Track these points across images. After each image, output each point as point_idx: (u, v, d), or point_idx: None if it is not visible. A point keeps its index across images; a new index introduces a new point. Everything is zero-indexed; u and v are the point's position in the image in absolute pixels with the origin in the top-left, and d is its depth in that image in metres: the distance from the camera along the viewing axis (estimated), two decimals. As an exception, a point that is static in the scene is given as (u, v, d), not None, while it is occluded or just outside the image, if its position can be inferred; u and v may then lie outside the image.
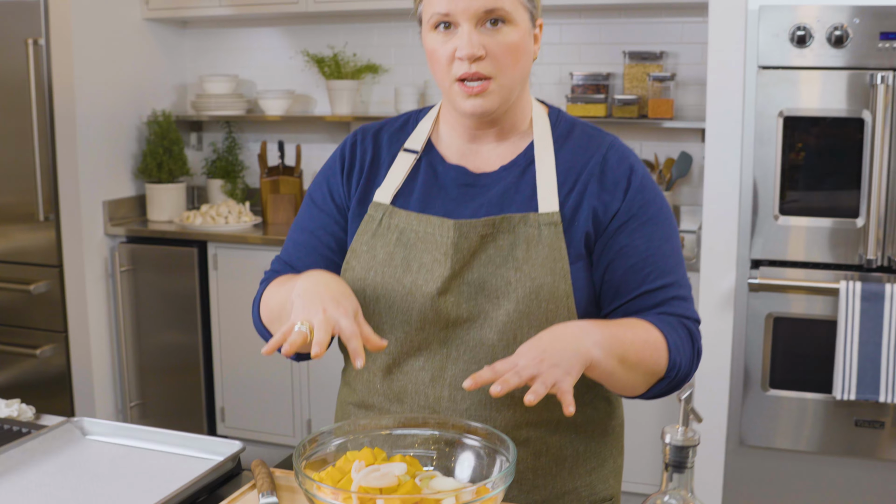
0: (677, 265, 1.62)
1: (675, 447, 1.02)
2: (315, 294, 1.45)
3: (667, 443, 1.03)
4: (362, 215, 1.68)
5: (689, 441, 1.02)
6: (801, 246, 3.52)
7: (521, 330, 1.56)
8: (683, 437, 1.02)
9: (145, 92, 4.83)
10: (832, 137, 3.44)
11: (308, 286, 1.48)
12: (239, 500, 1.53)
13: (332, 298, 1.44)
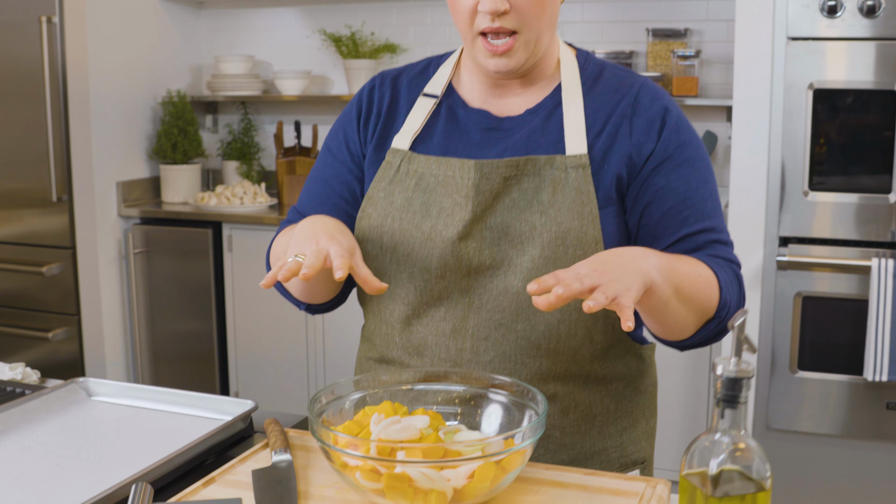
0: (716, 209, 1.54)
1: (728, 380, 0.93)
2: (311, 231, 1.42)
3: (718, 375, 0.94)
4: (379, 162, 1.60)
5: (743, 372, 0.93)
6: (830, 223, 3.42)
7: None
8: (736, 367, 0.94)
9: (160, 72, 4.77)
10: (863, 110, 3.34)
11: (306, 226, 1.45)
12: (250, 459, 1.44)
13: (326, 233, 1.39)
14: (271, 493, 1.31)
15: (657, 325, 1.47)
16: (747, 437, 0.95)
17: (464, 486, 1.23)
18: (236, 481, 1.37)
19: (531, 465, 1.42)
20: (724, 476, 0.95)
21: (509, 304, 1.49)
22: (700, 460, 0.96)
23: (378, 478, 1.23)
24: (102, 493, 1.27)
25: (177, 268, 4.50)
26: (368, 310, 1.61)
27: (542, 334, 1.49)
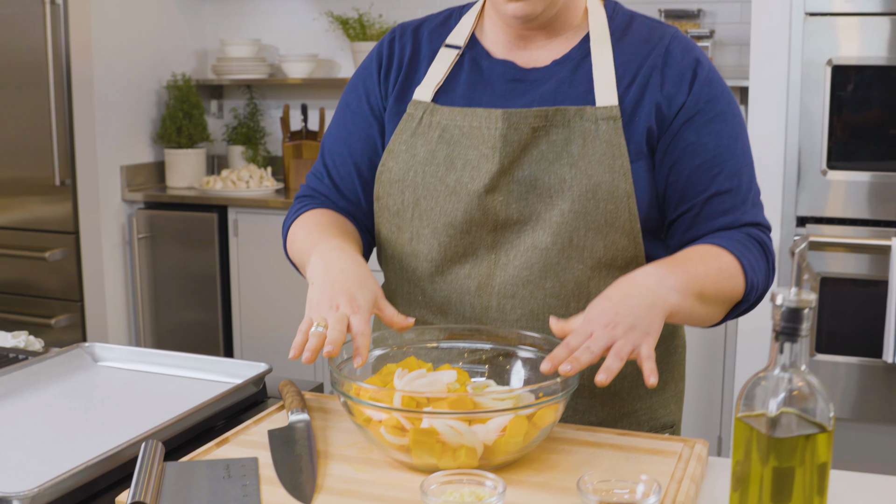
0: (747, 166, 1.47)
1: (788, 310, 0.86)
2: (329, 286, 1.31)
3: (778, 305, 0.87)
4: (400, 115, 1.53)
5: (804, 302, 0.86)
6: (849, 202, 3.34)
7: (578, 232, 1.40)
8: (797, 297, 0.87)
9: (165, 56, 4.70)
10: (883, 86, 3.27)
11: (322, 275, 1.34)
12: (266, 420, 1.37)
13: (345, 292, 1.29)
14: (289, 452, 1.24)
15: (684, 324, 1.41)
16: (808, 374, 0.88)
17: (494, 442, 1.17)
18: (251, 441, 1.30)
19: (562, 426, 1.35)
20: (784, 416, 0.88)
21: (538, 260, 1.42)
22: (758, 400, 0.89)
23: (403, 434, 1.17)
24: (110, 451, 1.21)
25: (181, 253, 4.43)
26: (389, 269, 1.54)
27: (571, 292, 1.42)
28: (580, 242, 1.40)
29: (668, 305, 1.27)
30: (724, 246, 1.41)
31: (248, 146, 4.77)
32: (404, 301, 1.52)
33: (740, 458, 0.92)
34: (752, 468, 0.90)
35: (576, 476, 1.18)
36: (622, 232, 1.41)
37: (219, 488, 1.14)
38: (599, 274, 1.42)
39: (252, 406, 1.51)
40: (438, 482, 1.09)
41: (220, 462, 1.22)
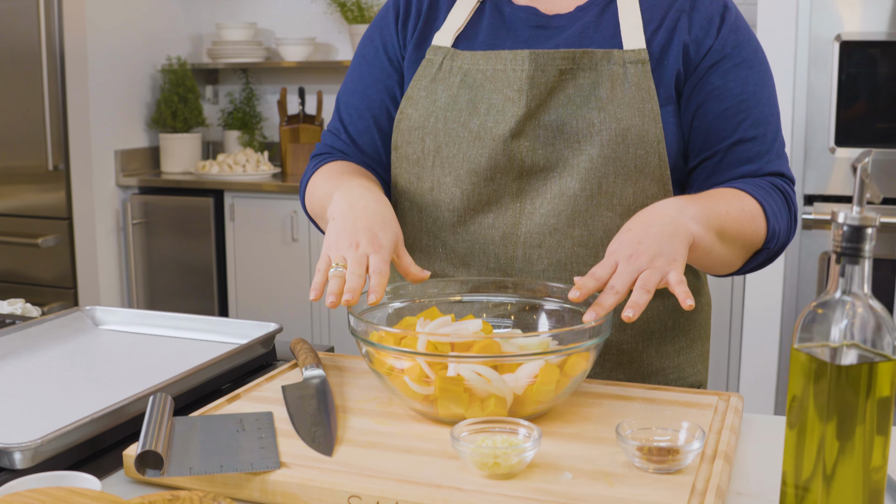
0: (773, 115, 1.41)
1: (851, 228, 0.80)
2: (351, 222, 1.25)
3: (839, 223, 0.81)
4: (419, 61, 1.46)
5: (868, 220, 0.80)
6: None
7: (607, 178, 1.34)
8: (860, 215, 0.81)
9: (160, 40, 4.62)
10: (892, 63, 3.22)
11: (344, 209, 1.27)
12: (278, 378, 1.31)
13: (367, 230, 1.23)
14: (305, 406, 1.17)
15: (702, 267, 1.35)
16: (871, 299, 0.82)
17: (524, 392, 1.10)
18: (264, 397, 1.24)
19: (590, 381, 1.29)
20: (846, 345, 0.82)
21: (565, 207, 1.36)
22: (817, 329, 0.83)
23: (429, 383, 1.10)
24: (116, 404, 1.14)
25: (177, 239, 4.36)
26: (406, 222, 1.48)
27: (600, 240, 1.36)
28: (609, 189, 1.34)
29: (691, 234, 1.21)
30: (746, 190, 1.35)
31: (245, 131, 4.70)
32: (423, 254, 1.46)
33: (797, 392, 0.86)
34: (811, 403, 0.84)
35: (609, 428, 1.12)
36: (652, 178, 1.35)
37: (233, 441, 1.07)
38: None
39: (261, 369, 1.45)
40: (469, 430, 1.03)
41: (233, 416, 1.15)
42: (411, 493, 0.94)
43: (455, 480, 0.97)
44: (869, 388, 0.83)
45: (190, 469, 1.00)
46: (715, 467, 1.00)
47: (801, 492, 0.88)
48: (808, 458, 0.87)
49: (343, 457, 1.04)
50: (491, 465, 0.97)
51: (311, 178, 1.51)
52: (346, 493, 0.96)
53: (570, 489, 0.95)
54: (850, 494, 0.86)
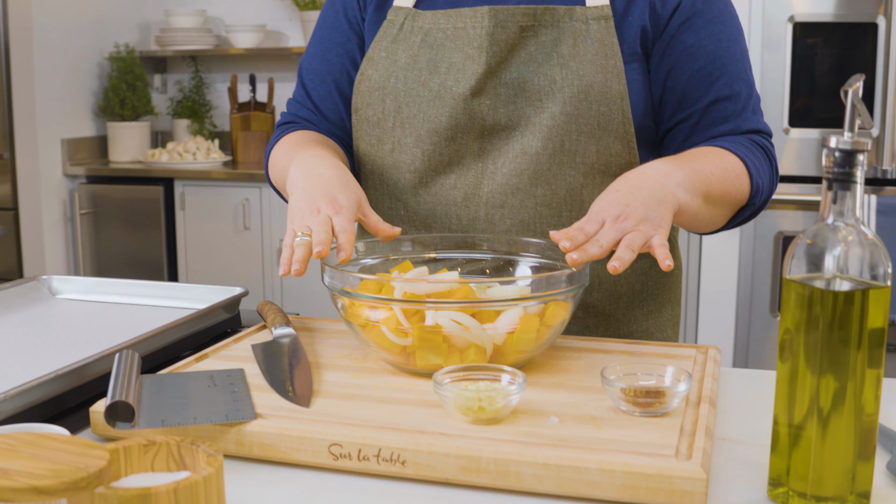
0: (747, 70, 1.40)
1: (842, 152, 0.79)
2: (309, 191, 1.21)
3: (831, 148, 0.80)
4: (380, 22, 1.43)
5: (859, 144, 0.79)
6: (812, 160, 3.31)
7: (570, 136, 1.32)
8: (851, 139, 0.79)
9: (107, 27, 4.54)
10: (845, 44, 3.24)
11: (300, 181, 1.24)
12: (246, 339, 1.27)
13: (325, 194, 1.20)
14: (278, 363, 1.14)
15: (687, 227, 1.34)
16: (862, 225, 0.81)
17: (504, 342, 1.08)
18: (234, 356, 1.20)
19: (566, 337, 1.27)
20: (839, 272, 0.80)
21: (527, 166, 1.34)
22: (809, 257, 0.82)
23: (406, 335, 1.07)
24: (79, 362, 1.10)
25: (126, 228, 4.28)
26: (368, 185, 1.45)
27: (563, 200, 1.34)
28: (572, 147, 1.32)
29: (677, 201, 1.20)
30: (728, 148, 1.34)
31: (194, 119, 4.63)
32: (385, 217, 1.43)
33: (790, 324, 0.84)
34: (803, 335, 0.83)
35: (591, 377, 1.10)
36: (615, 136, 1.33)
37: (205, 395, 1.04)
38: (593, 181, 1.35)
39: (227, 336, 1.41)
40: (451, 377, 1.00)
41: (203, 373, 1.11)
42: (394, 440, 0.91)
43: (439, 427, 0.94)
44: (862, 316, 0.82)
45: (162, 421, 0.96)
46: (701, 410, 0.99)
47: (795, 430, 0.86)
48: (801, 393, 0.85)
49: (321, 408, 1.01)
50: (475, 410, 0.94)
51: (272, 150, 1.48)
52: (326, 442, 0.93)
53: (557, 432, 0.93)
54: (844, 431, 0.84)
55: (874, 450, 0.87)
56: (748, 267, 3.41)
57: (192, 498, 0.73)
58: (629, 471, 0.85)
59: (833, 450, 0.84)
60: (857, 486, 0.86)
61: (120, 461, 0.81)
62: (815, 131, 3.29)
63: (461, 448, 0.89)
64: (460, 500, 0.88)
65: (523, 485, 0.88)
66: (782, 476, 0.88)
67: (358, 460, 0.92)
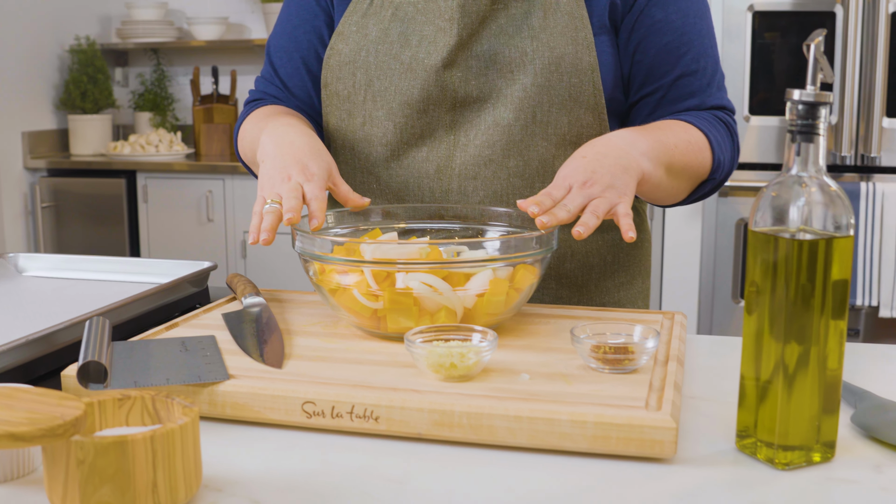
0: (712, 46, 1.42)
1: (805, 105, 0.81)
2: (280, 159, 1.22)
3: (794, 100, 0.82)
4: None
5: (822, 96, 0.81)
6: (772, 147, 3.35)
7: (541, 107, 1.33)
8: (814, 91, 0.81)
9: (67, 19, 4.50)
10: (803, 32, 3.29)
11: (271, 150, 1.24)
12: (217, 310, 1.27)
13: (296, 162, 1.20)
14: (249, 329, 1.14)
15: (648, 198, 1.36)
16: (826, 176, 0.83)
17: (474, 304, 1.09)
18: (204, 324, 1.20)
19: (535, 305, 1.29)
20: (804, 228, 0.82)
21: (500, 138, 1.35)
22: (774, 208, 0.83)
23: (377, 298, 1.08)
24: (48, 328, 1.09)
25: (88, 222, 4.25)
26: (339, 160, 1.45)
27: (535, 171, 1.36)
28: (544, 118, 1.34)
29: (641, 170, 1.22)
30: (692, 122, 1.36)
31: (156, 112, 4.60)
32: (357, 191, 1.43)
33: (755, 276, 0.86)
34: (769, 285, 0.84)
35: (560, 340, 1.11)
36: (586, 107, 1.35)
37: (177, 359, 1.04)
38: (565, 152, 1.36)
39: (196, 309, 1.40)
40: (422, 337, 1.01)
41: (175, 339, 1.11)
42: (367, 397, 0.92)
43: (411, 384, 0.95)
44: (826, 267, 0.84)
45: (135, 382, 0.96)
46: (669, 367, 1.01)
47: (762, 384, 0.88)
48: (766, 347, 0.87)
49: (293, 369, 1.01)
50: (447, 367, 0.95)
51: (241, 125, 1.48)
52: (299, 400, 0.93)
53: (528, 387, 0.94)
54: (809, 384, 0.86)
55: (838, 404, 0.89)
56: (710, 256, 3.45)
57: (168, 446, 0.74)
58: (600, 421, 0.87)
59: (798, 403, 0.86)
60: (822, 437, 0.88)
61: (95, 415, 0.81)
62: (775, 119, 3.33)
63: (434, 403, 0.90)
64: (433, 454, 0.89)
65: (496, 438, 0.89)
66: (750, 428, 0.90)
67: (331, 417, 0.92)
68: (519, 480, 0.84)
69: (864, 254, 3.22)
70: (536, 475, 0.85)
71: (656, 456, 0.87)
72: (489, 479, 0.84)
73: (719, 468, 0.87)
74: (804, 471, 0.87)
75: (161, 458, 0.73)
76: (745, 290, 0.88)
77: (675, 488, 0.83)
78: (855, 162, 3.29)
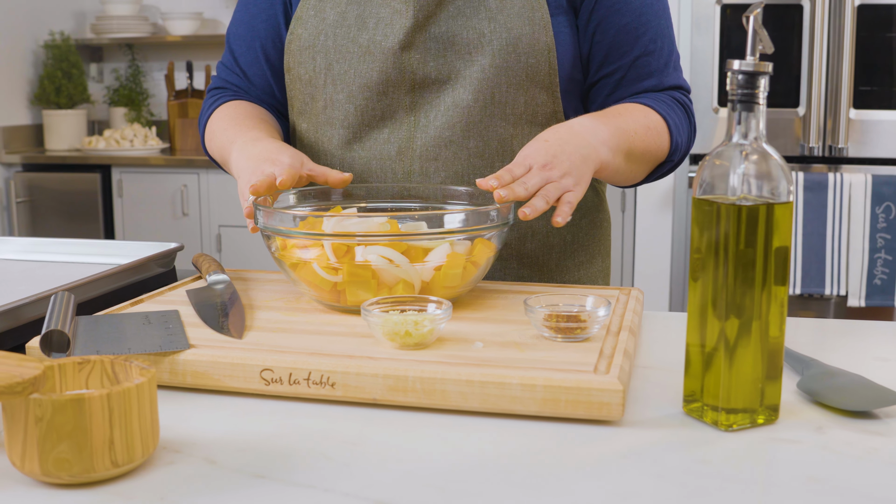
0: (669, 27, 1.45)
1: (745, 75, 0.83)
2: (252, 165, 1.26)
3: (734, 70, 0.84)
4: (307, -17, 1.46)
5: (761, 66, 0.84)
6: (741, 139, 3.39)
7: (500, 88, 1.36)
8: (754, 61, 0.84)
9: (42, 15, 4.50)
10: (771, 24, 3.33)
11: (243, 165, 1.28)
12: (182, 288, 1.29)
13: (266, 160, 1.25)
14: (212, 304, 1.16)
15: (606, 181, 1.39)
16: (766, 145, 0.85)
17: (432, 278, 1.12)
18: (169, 300, 1.22)
19: (493, 282, 1.31)
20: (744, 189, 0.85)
21: (459, 119, 1.37)
22: (717, 177, 0.86)
23: (337, 272, 1.11)
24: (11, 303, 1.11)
25: (64, 217, 4.25)
26: (304, 143, 1.48)
27: (495, 151, 1.38)
28: (502, 99, 1.36)
29: (600, 160, 1.25)
30: (650, 105, 1.39)
31: (131, 108, 4.61)
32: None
33: (699, 244, 0.88)
34: (712, 252, 0.87)
35: (515, 313, 1.13)
36: (542, 86, 1.38)
37: (140, 331, 1.06)
38: (522, 131, 1.39)
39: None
40: (379, 308, 1.03)
41: (139, 314, 1.13)
42: (324, 363, 0.94)
43: (367, 352, 0.98)
44: (767, 233, 0.86)
45: (97, 351, 0.98)
46: (621, 336, 1.03)
47: (706, 351, 0.91)
48: (711, 314, 0.90)
49: (253, 339, 1.03)
50: (403, 335, 0.97)
51: (208, 121, 1.50)
52: (257, 368, 0.96)
53: (481, 354, 0.97)
54: (752, 350, 0.89)
55: (780, 370, 0.92)
56: (681, 246, 3.48)
57: (124, 404, 0.76)
58: (549, 385, 0.89)
59: (741, 369, 0.89)
60: (766, 401, 0.91)
61: (55, 377, 0.83)
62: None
63: (388, 369, 0.92)
64: (388, 419, 0.91)
65: (448, 402, 0.91)
66: (696, 393, 0.92)
67: (289, 384, 0.95)
68: (471, 442, 0.86)
69: (832, 244, 3.27)
70: (489, 437, 0.87)
71: (604, 418, 0.89)
72: (442, 441, 0.86)
73: (667, 430, 0.90)
74: (748, 432, 0.89)
75: (117, 416, 0.75)
76: (690, 257, 0.91)
77: (623, 448, 0.85)
78: (823, 153, 3.34)
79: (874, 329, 1.23)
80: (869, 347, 1.15)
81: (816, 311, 3.41)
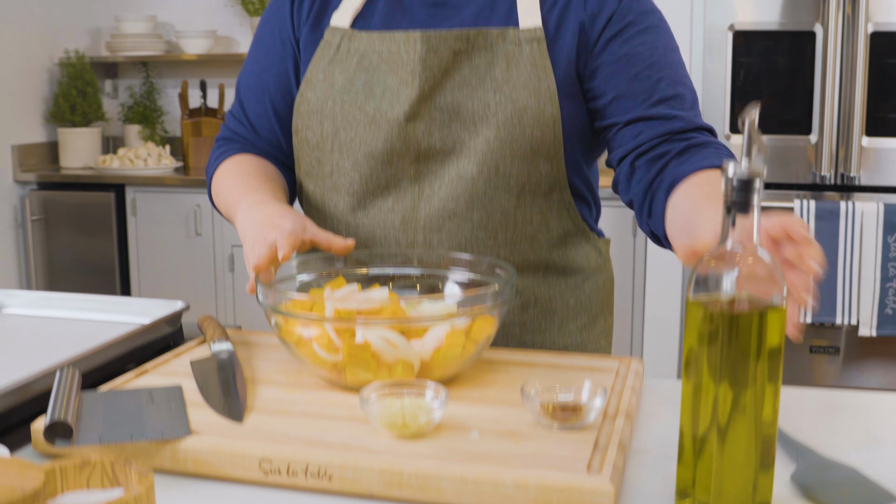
0: (687, 77, 1.41)
1: (740, 181, 0.84)
2: (256, 231, 1.27)
3: (729, 177, 0.85)
4: (316, 43, 1.47)
5: (756, 172, 0.84)
6: (753, 166, 3.39)
7: (504, 160, 1.36)
8: (748, 167, 0.85)
9: (57, 33, 4.53)
10: (783, 52, 3.33)
11: (247, 228, 1.30)
12: (186, 354, 1.31)
13: (269, 224, 1.26)
14: (214, 379, 1.18)
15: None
16: (760, 250, 0.86)
17: (431, 357, 1.13)
18: (173, 371, 1.24)
19: (495, 349, 1.32)
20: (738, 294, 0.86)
21: (463, 191, 1.38)
22: (711, 280, 0.87)
23: (337, 351, 1.12)
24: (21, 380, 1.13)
25: (78, 235, 4.28)
26: (310, 206, 1.49)
27: (498, 222, 1.39)
28: (506, 171, 1.37)
29: None
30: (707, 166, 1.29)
31: (146, 125, 4.63)
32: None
33: (693, 343, 0.89)
34: (705, 354, 0.88)
35: (514, 391, 1.14)
36: (546, 157, 1.38)
37: (143, 412, 1.07)
38: (524, 202, 1.39)
39: (169, 349, 1.44)
40: (377, 393, 1.04)
41: (142, 391, 1.15)
42: (321, 456, 0.95)
43: (365, 442, 0.99)
44: (760, 336, 0.87)
45: (100, 438, 0.99)
46: (617, 424, 1.04)
47: (699, 443, 0.92)
48: (703, 409, 0.91)
49: (253, 423, 1.05)
50: (400, 426, 0.99)
51: (215, 173, 1.52)
52: (256, 458, 0.97)
53: (476, 447, 0.98)
54: (744, 443, 0.90)
55: (773, 460, 0.92)
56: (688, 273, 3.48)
57: (122, 516, 0.77)
58: (542, 485, 0.90)
59: (733, 460, 0.89)
60: (758, 496, 0.92)
61: (56, 480, 0.84)
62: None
63: (385, 463, 0.94)
64: (385, 512, 0.93)
65: (443, 497, 0.92)
66: (688, 487, 0.93)
67: (287, 475, 0.96)
68: (463, 541, 0.87)
69: (843, 273, 3.26)
70: (481, 535, 0.88)
71: (597, 516, 0.90)
72: (435, 541, 0.87)
73: (659, 526, 0.91)
74: (740, 529, 0.90)
75: (115, 529, 0.77)
76: (684, 357, 0.92)
77: (614, 548, 0.86)
78: (834, 181, 3.33)
79: (873, 403, 1.24)
80: (865, 426, 1.16)
81: (829, 339, 3.41)
